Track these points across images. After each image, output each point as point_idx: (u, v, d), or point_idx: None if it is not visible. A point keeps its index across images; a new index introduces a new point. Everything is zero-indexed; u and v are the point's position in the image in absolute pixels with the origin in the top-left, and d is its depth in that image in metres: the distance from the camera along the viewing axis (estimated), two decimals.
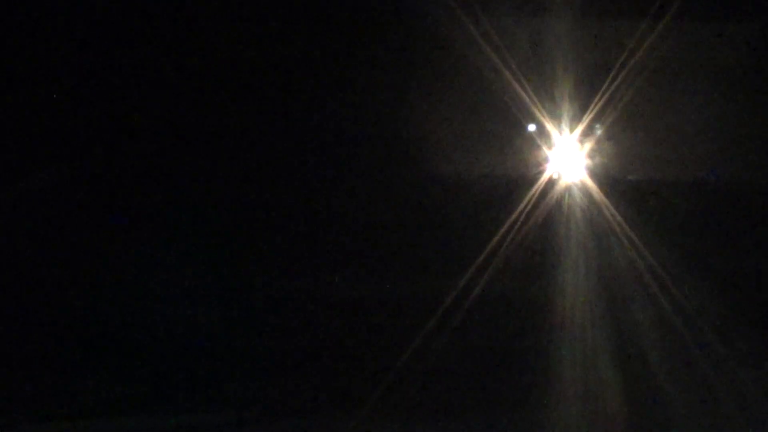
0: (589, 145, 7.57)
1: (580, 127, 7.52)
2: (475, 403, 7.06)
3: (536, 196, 7.46)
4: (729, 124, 7.58)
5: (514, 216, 7.41)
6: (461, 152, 7.63)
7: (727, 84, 7.61)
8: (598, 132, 7.55)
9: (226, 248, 7.63)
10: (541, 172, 7.55)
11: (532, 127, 7.55)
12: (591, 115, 7.47)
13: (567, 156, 7.56)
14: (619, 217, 7.41)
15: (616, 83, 7.40)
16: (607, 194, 7.47)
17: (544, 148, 7.57)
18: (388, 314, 7.50)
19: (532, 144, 7.58)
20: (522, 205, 7.43)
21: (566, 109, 7.50)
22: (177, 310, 7.49)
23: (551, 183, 7.52)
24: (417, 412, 6.89)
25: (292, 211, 7.66)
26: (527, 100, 7.44)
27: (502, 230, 7.39)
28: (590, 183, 7.52)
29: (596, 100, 7.43)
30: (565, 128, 7.53)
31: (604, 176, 7.56)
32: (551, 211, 7.47)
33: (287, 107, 7.66)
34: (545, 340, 7.28)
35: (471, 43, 7.38)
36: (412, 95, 7.59)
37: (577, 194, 7.50)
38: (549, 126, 7.52)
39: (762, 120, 7.65)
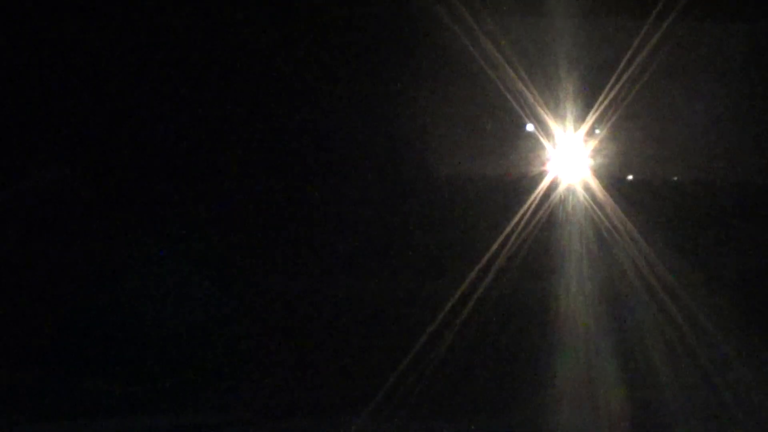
0: (592, 145, 7.57)
1: (584, 127, 7.51)
2: (476, 403, 7.05)
3: (539, 196, 7.45)
4: (731, 124, 7.57)
5: (516, 216, 7.40)
6: (463, 152, 7.62)
7: (729, 84, 7.60)
8: (598, 132, 7.55)
9: (226, 248, 7.63)
10: (543, 173, 7.54)
11: (532, 127, 7.55)
12: (594, 115, 7.47)
13: (570, 156, 7.56)
14: (623, 217, 7.40)
15: (619, 83, 7.39)
16: (610, 194, 7.46)
17: (547, 148, 7.57)
18: (389, 314, 7.50)
19: (535, 144, 7.58)
20: (525, 206, 7.42)
21: (569, 109, 7.50)
22: (177, 310, 7.49)
23: (554, 183, 7.52)
24: (418, 413, 6.88)
25: (292, 211, 7.66)
26: (530, 99, 7.43)
27: (504, 231, 7.39)
28: (593, 183, 7.51)
29: (600, 99, 7.42)
30: (569, 128, 7.53)
31: (606, 176, 7.55)
32: (554, 211, 7.46)
33: (289, 107, 7.67)
34: (548, 340, 7.27)
35: (473, 42, 7.37)
36: (413, 95, 7.59)
37: (580, 194, 7.49)
38: (552, 126, 7.52)
39: (764, 120, 7.64)
